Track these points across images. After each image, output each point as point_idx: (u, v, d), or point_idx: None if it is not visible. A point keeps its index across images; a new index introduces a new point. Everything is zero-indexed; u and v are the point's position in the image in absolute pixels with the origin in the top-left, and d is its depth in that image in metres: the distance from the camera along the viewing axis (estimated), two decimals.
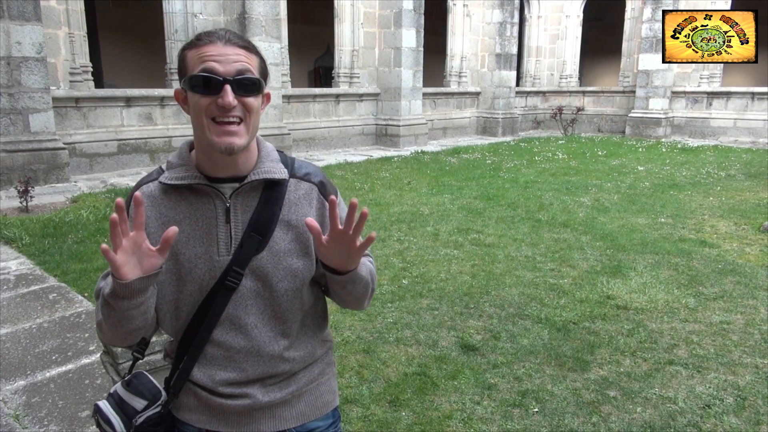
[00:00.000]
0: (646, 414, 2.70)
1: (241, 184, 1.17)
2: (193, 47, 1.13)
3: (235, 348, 1.20)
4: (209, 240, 1.17)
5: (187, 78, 1.11)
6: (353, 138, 12.75)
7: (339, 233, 1.08)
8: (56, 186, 7.38)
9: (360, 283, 1.21)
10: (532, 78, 17.79)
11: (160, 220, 1.16)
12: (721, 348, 3.36)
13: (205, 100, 1.09)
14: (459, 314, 3.82)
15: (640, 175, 9.30)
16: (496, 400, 2.80)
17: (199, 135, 1.14)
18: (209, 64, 1.09)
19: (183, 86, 1.14)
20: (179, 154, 1.20)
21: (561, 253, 5.15)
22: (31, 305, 3.79)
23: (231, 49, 1.11)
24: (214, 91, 1.08)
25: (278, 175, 1.19)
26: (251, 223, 1.17)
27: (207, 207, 1.17)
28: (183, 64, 1.14)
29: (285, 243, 1.19)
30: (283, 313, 1.22)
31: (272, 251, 1.18)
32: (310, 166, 1.29)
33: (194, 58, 1.11)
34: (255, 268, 1.17)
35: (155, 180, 1.20)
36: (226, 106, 1.08)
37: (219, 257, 1.16)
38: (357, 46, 12.52)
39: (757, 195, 7.74)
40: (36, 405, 2.66)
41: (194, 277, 1.17)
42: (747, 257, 5.05)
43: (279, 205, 1.19)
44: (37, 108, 7.34)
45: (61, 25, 8.25)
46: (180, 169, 1.17)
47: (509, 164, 10.40)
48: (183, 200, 1.17)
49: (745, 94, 14.57)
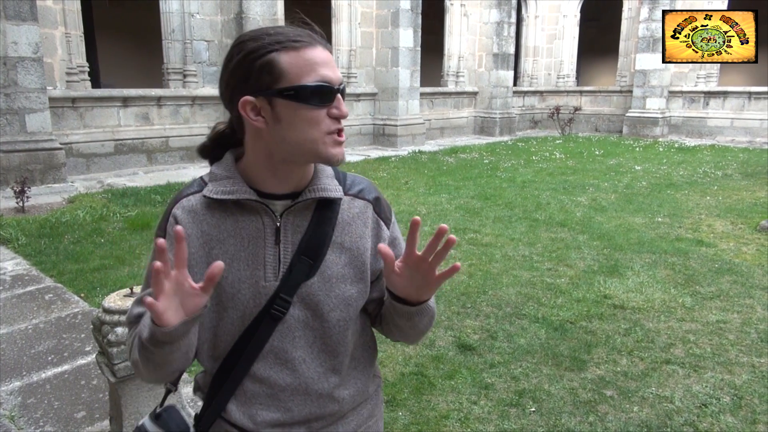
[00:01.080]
0: (642, 413, 2.70)
1: (295, 202, 1.06)
2: (289, 50, 0.98)
3: (279, 385, 1.08)
4: (255, 262, 1.05)
5: (297, 88, 0.96)
6: (351, 138, 12.74)
7: (417, 260, 0.98)
8: (53, 186, 7.36)
9: (428, 315, 1.10)
10: (530, 78, 17.81)
11: (202, 238, 1.05)
12: (717, 347, 3.36)
13: (319, 113, 0.98)
14: (456, 314, 3.82)
15: (637, 175, 9.31)
16: (493, 400, 2.80)
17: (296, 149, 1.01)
18: (325, 73, 0.98)
19: (272, 95, 0.98)
20: (225, 165, 1.07)
21: (558, 252, 5.15)
22: (27, 306, 3.78)
23: (329, 54, 1.02)
24: (328, 101, 0.99)
25: (334, 193, 1.08)
26: (302, 245, 1.06)
27: (254, 225, 1.05)
28: (272, 70, 0.97)
29: (338, 267, 1.08)
30: (334, 346, 1.10)
31: (324, 277, 1.07)
32: (363, 181, 1.18)
33: (299, 64, 0.97)
34: (304, 296, 1.06)
35: (197, 193, 1.08)
36: (344, 117, 1.00)
37: (266, 282, 1.05)
38: (354, 46, 12.52)
39: (753, 194, 7.76)
40: (32, 406, 2.65)
41: (236, 303, 1.05)
42: (744, 256, 5.06)
43: (332, 225, 1.08)
44: (34, 108, 7.32)
45: (57, 25, 8.23)
46: (226, 182, 1.05)
47: (506, 164, 10.40)
48: (228, 217, 1.05)
49: (742, 93, 14.60)
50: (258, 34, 1.00)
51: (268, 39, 0.99)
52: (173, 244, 0.97)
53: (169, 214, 1.08)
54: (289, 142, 1.00)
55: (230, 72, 1.00)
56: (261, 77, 0.97)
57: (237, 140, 1.09)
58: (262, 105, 0.98)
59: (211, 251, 1.04)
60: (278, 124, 0.99)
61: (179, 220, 1.05)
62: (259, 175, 1.05)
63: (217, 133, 1.12)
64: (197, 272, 1.01)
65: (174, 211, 1.07)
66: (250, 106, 0.99)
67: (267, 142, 1.02)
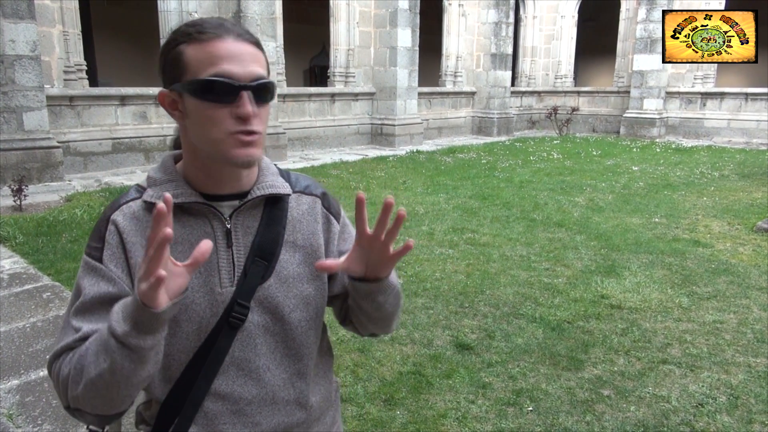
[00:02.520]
0: (639, 413, 2.71)
1: (243, 202, 1.00)
2: (193, 41, 0.92)
3: (245, 398, 1.00)
4: (208, 269, 0.97)
5: (191, 82, 0.91)
6: (349, 137, 12.75)
7: (369, 239, 0.92)
8: (50, 185, 7.35)
9: (392, 293, 1.03)
10: (528, 78, 17.83)
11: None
12: (714, 347, 3.37)
13: (218, 112, 0.91)
14: (454, 313, 3.83)
15: (634, 175, 9.33)
16: (491, 399, 2.81)
17: (205, 149, 0.95)
18: (224, 68, 0.90)
19: (179, 89, 0.93)
20: (164, 168, 1.00)
21: (555, 252, 5.17)
22: (24, 304, 3.77)
23: (244, 47, 0.93)
24: (229, 99, 0.90)
25: (282, 190, 1.04)
26: (254, 246, 1.00)
27: (203, 230, 0.98)
28: (179, 63, 0.92)
29: (293, 266, 1.03)
30: (297, 349, 1.04)
31: (280, 277, 1.01)
32: (307, 179, 1.14)
33: (199, 57, 0.91)
34: (262, 299, 1.00)
35: (137, 199, 0.98)
36: (244, 117, 0.91)
37: (221, 289, 0.98)
38: (352, 45, 12.52)
39: (750, 195, 7.78)
40: (29, 404, 2.65)
41: (191, 314, 0.96)
42: (740, 257, 5.08)
43: (282, 224, 1.03)
44: (31, 106, 7.30)
45: (55, 23, 8.21)
46: (168, 186, 0.97)
47: (504, 164, 10.42)
48: (174, 222, 0.92)
49: (739, 94, 14.64)
50: (179, 27, 0.96)
51: (181, 31, 0.94)
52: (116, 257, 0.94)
53: (107, 222, 0.96)
54: (198, 140, 0.95)
55: (160, 63, 0.98)
56: (171, 70, 0.94)
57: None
58: (175, 98, 0.95)
59: None
60: (187, 119, 0.95)
61: (120, 227, 0.95)
62: (197, 176, 0.99)
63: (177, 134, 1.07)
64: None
65: (113, 218, 0.96)
66: (168, 99, 0.96)
67: (189, 138, 0.97)
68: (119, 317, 0.83)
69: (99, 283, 0.94)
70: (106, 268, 0.94)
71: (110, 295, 0.93)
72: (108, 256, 0.94)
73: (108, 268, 0.94)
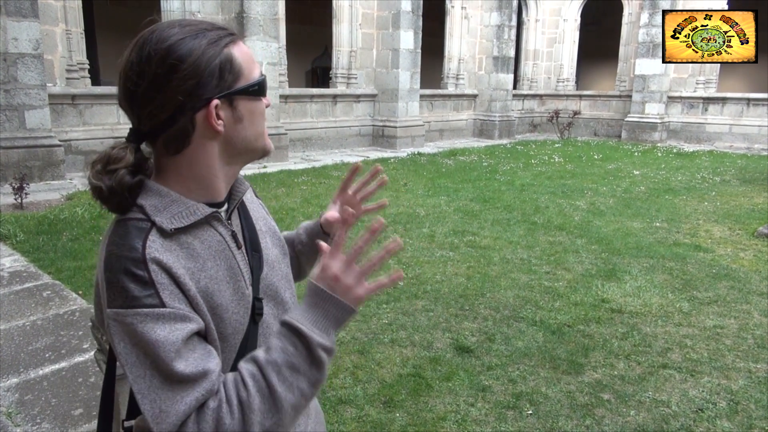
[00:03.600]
0: (639, 417, 2.71)
1: (237, 201, 1.03)
2: (231, 44, 0.92)
3: None
4: (234, 275, 0.96)
5: (257, 83, 0.94)
6: (350, 139, 12.75)
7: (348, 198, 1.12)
8: (51, 183, 7.36)
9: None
10: (530, 81, 17.84)
11: (188, 275, 0.88)
12: (714, 352, 3.37)
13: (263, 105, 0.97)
14: (454, 316, 3.82)
15: (635, 180, 9.33)
16: (491, 402, 2.80)
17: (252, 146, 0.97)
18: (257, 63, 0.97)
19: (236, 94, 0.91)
20: (156, 192, 0.92)
21: (556, 256, 5.16)
22: (24, 303, 3.77)
23: None
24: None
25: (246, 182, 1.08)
26: (246, 241, 1.03)
27: (215, 239, 0.95)
28: (233, 67, 0.91)
29: (271, 250, 1.08)
30: None
31: (269, 264, 1.06)
32: None
33: (245, 59, 0.93)
34: (266, 289, 1.03)
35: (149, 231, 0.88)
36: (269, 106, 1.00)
37: (248, 290, 0.97)
38: (355, 47, 12.53)
39: (751, 200, 7.78)
40: (29, 403, 2.65)
41: (236, 326, 0.94)
42: (741, 262, 5.07)
43: (250, 215, 1.09)
44: (33, 105, 7.31)
45: (58, 22, 8.23)
46: (174, 207, 0.91)
47: (505, 167, 10.42)
48: (192, 241, 0.92)
49: (741, 100, 14.65)
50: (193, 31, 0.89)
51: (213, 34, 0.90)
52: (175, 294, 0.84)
53: (145, 263, 0.84)
54: (247, 139, 0.95)
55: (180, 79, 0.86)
56: (223, 76, 0.89)
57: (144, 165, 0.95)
58: (222, 107, 0.90)
59: (200, 284, 0.89)
60: (239, 123, 0.93)
61: (166, 265, 0.85)
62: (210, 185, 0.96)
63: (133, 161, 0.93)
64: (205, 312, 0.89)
65: (152, 257, 0.85)
66: (216, 111, 0.90)
67: (220, 146, 0.93)
68: (318, 330, 0.83)
69: (176, 326, 0.82)
70: (173, 309, 0.83)
71: (192, 332, 0.84)
72: (168, 296, 0.83)
73: (175, 308, 0.83)
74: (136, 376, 0.82)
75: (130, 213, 0.91)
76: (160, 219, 0.89)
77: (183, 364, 0.80)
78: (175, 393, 0.80)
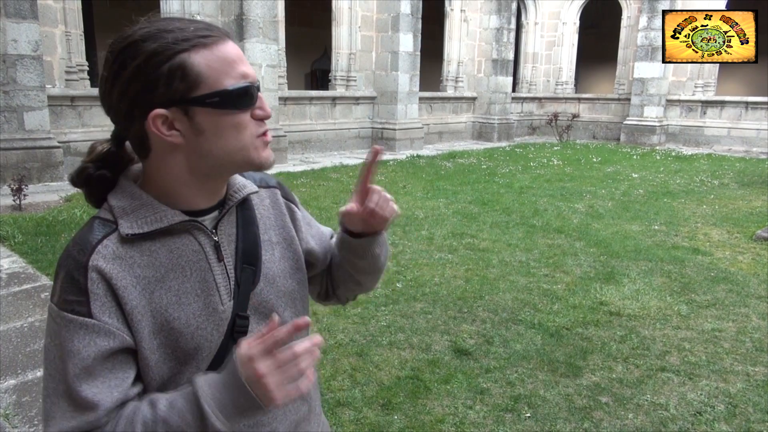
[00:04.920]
0: (637, 420, 2.71)
1: (226, 210, 0.95)
2: (200, 48, 0.83)
3: None
4: (206, 289, 0.91)
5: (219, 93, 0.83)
6: (349, 141, 12.76)
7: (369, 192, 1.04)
8: (50, 185, 7.36)
9: (385, 243, 1.09)
10: (528, 84, 17.87)
11: (138, 285, 0.85)
12: (712, 355, 3.37)
13: (245, 117, 0.86)
14: (452, 318, 3.82)
15: (634, 183, 9.34)
16: (489, 405, 2.80)
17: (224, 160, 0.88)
18: (242, 70, 0.85)
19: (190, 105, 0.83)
20: (129, 194, 0.89)
21: (555, 258, 5.16)
22: (22, 304, 3.77)
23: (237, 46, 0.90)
24: (252, 102, 0.87)
25: (252, 187, 1.00)
26: (238, 253, 0.96)
27: (191, 249, 0.91)
28: (186, 75, 0.82)
29: (275, 264, 1.01)
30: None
31: (267, 279, 0.99)
32: (256, 173, 1.07)
33: (212, 65, 0.83)
34: (257, 305, 0.97)
35: (110, 234, 0.86)
36: (267, 117, 0.89)
37: (223, 306, 0.92)
38: (354, 50, 12.54)
39: (749, 204, 7.79)
40: (26, 404, 2.64)
41: (200, 342, 0.90)
42: (739, 265, 5.08)
43: (255, 224, 1.00)
44: (32, 106, 7.32)
45: (57, 24, 8.23)
46: (143, 211, 0.87)
47: (504, 169, 10.43)
48: (159, 249, 0.88)
49: (739, 103, 14.68)
50: (154, 31, 0.83)
51: (171, 36, 0.82)
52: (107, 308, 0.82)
53: (86, 270, 0.82)
54: (215, 154, 0.86)
55: (126, 80, 0.82)
56: (172, 84, 0.81)
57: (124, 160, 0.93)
58: (175, 117, 0.83)
59: (152, 296, 0.86)
60: (200, 136, 0.85)
61: (106, 274, 0.83)
62: (181, 194, 0.90)
63: (98, 155, 0.91)
64: (145, 326, 0.85)
65: (93, 264, 0.83)
66: (161, 119, 0.83)
67: (186, 157, 0.87)
68: (221, 416, 0.78)
69: (95, 340, 0.82)
70: (98, 322, 0.82)
71: (112, 350, 0.83)
72: (98, 308, 0.82)
73: (101, 321, 0.82)
74: (49, 373, 0.84)
75: (102, 211, 0.90)
76: (122, 222, 0.86)
77: (85, 386, 0.81)
78: (66, 409, 0.81)
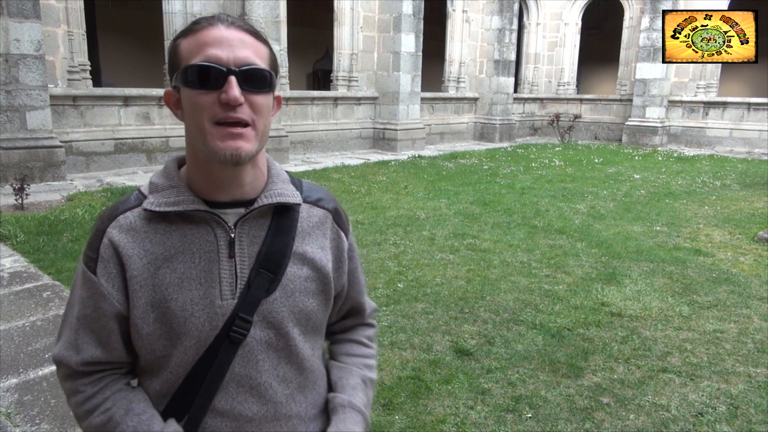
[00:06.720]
0: (639, 421, 2.70)
1: (249, 210, 0.95)
2: (188, 34, 0.91)
3: (246, 416, 0.96)
4: (209, 280, 0.93)
5: (181, 70, 0.89)
6: (351, 141, 12.76)
7: None
8: (52, 184, 7.36)
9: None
10: (530, 85, 17.86)
11: (145, 258, 0.92)
12: (714, 356, 3.37)
13: (205, 98, 0.87)
14: (454, 319, 3.82)
15: (635, 184, 9.33)
16: (490, 405, 2.80)
17: (196, 144, 0.91)
18: (210, 52, 0.87)
19: (176, 83, 0.91)
20: (166, 174, 0.97)
21: (556, 259, 5.16)
22: (24, 303, 3.77)
23: (235, 34, 0.90)
24: (216, 85, 0.86)
25: (292, 198, 0.98)
26: (260, 257, 0.95)
27: (205, 239, 0.93)
28: (176, 57, 0.91)
29: (300, 280, 0.98)
30: (300, 364, 1.01)
31: (286, 291, 0.96)
32: (321, 191, 1.08)
33: (190, 47, 0.89)
34: (266, 314, 0.95)
35: (135, 207, 0.95)
36: (231, 102, 0.86)
37: (222, 302, 0.93)
38: (356, 50, 12.55)
39: (751, 205, 7.78)
40: (28, 403, 2.65)
41: (190, 328, 0.92)
42: (741, 266, 5.07)
43: (291, 234, 0.98)
44: (35, 105, 7.32)
45: (60, 23, 8.24)
46: (170, 192, 0.93)
47: (506, 170, 10.42)
48: (174, 231, 0.93)
49: (741, 104, 14.66)
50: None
51: (186, 26, 0.94)
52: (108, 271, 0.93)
53: (103, 235, 0.94)
54: (190, 133, 0.92)
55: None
56: (172, 65, 0.93)
57: None
58: (177, 96, 0.93)
59: (157, 271, 0.92)
60: (185, 114, 0.92)
61: (115, 242, 0.92)
62: (198, 181, 0.94)
63: None
64: (142, 296, 0.91)
65: (109, 232, 0.93)
66: (173, 99, 0.95)
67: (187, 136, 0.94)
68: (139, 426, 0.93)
69: (94, 297, 0.94)
70: (98, 282, 0.93)
71: (104, 311, 0.94)
72: (101, 270, 0.93)
73: (100, 282, 0.93)
74: (69, 303, 1.01)
75: (145, 186, 1.00)
76: (149, 198, 0.95)
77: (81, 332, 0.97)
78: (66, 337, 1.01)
